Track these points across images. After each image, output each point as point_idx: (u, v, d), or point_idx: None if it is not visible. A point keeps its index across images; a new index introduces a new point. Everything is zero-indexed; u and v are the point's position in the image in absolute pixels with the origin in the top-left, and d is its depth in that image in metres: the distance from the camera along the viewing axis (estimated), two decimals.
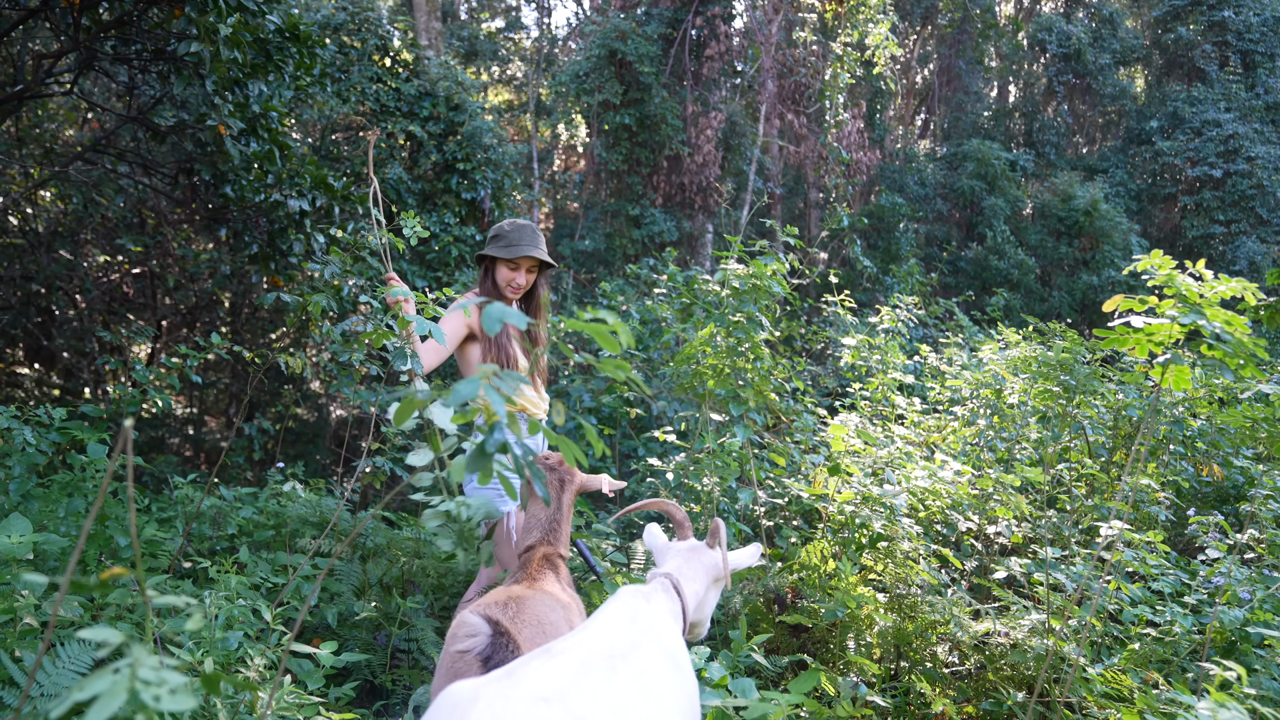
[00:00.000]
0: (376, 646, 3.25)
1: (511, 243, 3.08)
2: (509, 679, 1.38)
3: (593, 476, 2.62)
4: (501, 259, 3.08)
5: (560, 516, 2.50)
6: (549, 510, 2.51)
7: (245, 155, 4.26)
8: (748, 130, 13.27)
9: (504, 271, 3.10)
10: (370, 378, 5.93)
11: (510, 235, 3.10)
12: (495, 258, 3.09)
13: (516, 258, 3.07)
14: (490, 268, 3.13)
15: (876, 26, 12.50)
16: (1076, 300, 14.78)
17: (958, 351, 5.73)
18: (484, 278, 3.15)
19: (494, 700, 1.31)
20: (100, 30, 4.08)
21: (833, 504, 3.61)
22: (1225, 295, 2.41)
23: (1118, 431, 4.65)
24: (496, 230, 3.14)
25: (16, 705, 1.98)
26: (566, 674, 1.44)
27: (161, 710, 0.76)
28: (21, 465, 3.33)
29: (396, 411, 1.21)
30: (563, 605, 2.23)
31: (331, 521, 2.78)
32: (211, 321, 7.59)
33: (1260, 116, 16.18)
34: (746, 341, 3.86)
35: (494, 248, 3.09)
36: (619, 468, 5.97)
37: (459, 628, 1.83)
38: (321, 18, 7.77)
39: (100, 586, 0.89)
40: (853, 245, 13.16)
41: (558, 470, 2.59)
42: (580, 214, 13.64)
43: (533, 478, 1.19)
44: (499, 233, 3.12)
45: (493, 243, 3.11)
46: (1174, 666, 2.90)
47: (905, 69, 20.40)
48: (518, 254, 3.06)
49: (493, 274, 3.12)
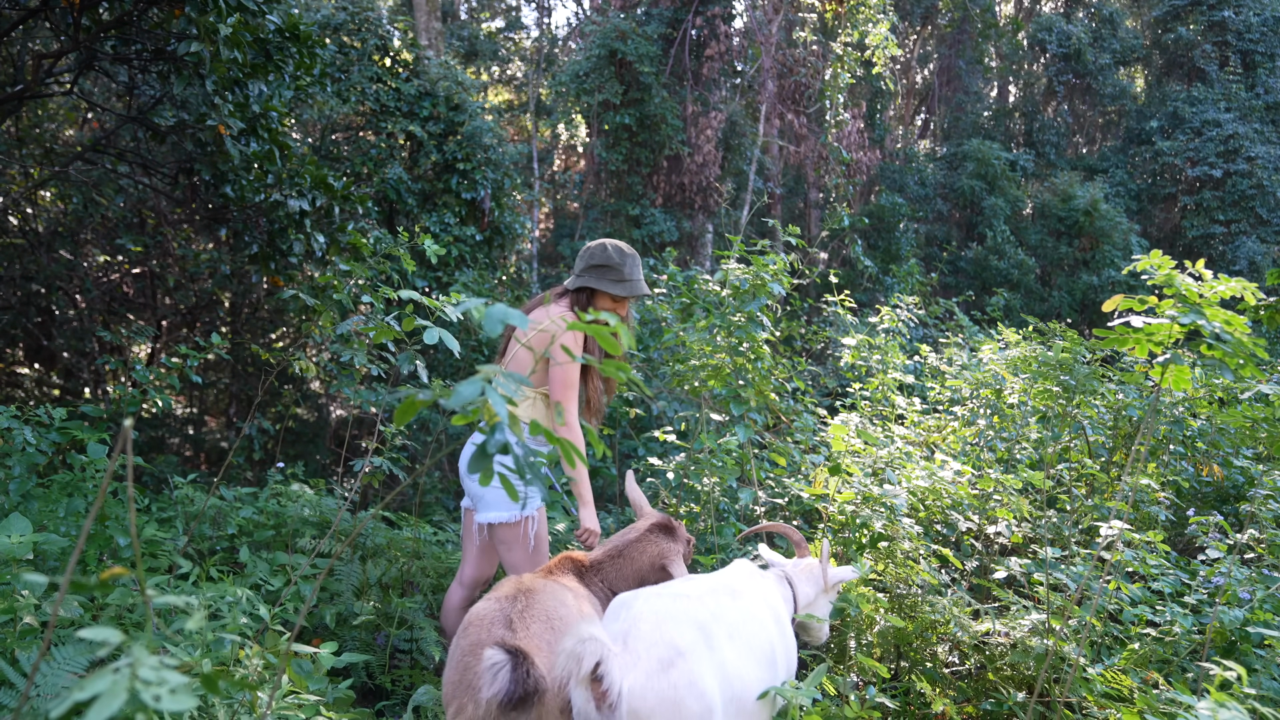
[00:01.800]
0: (376, 647, 3.25)
1: (624, 278, 2.83)
2: (651, 589, 2.15)
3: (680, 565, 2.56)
4: (605, 293, 2.83)
5: (623, 553, 2.49)
6: (624, 540, 2.51)
7: (245, 155, 4.26)
8: (748, 130, 13.27)
9: (606, 303, 2.87)
10: (371, 378, 5.93)
11: (624, 269, 2.82)
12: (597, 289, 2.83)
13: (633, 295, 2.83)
14: (591, 297, 2.88)
15: (876, 26, 12.49)
16: (1076, 300, 14.78)
17: (958, 351, 5.72)
18: (582, 305, 2.88)
19: (646, 595, 2.08)
20: (100, 30, 4.08)
21: (833, 504, 3.61)
22: (1225, 295, 2.41)
23: (1118, 431, 4.65)
24: (602, 259, 2.82)
25: (16, 705, 1.98)
26: (697, 588, 2.17)
27: (161, 710, 0.76)
28: (21, 465, 3.32)
29: (397, 412, 1.21)
30: (576, 596, 2.23)
31: (334, 527, 2.78)
32: (211, 321, 7.59)
33: (1260, 116, 16.17)
34: (747, 341, 3.86)
35: (602, 280, 2.81)
36: (619, 468, 5.97)
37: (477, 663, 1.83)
38: (321, 18, 7.77)
39: (100, 586, 0.89)
40: (853, 245, 13.16)
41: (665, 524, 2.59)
42: (580, 214, 13.64)
43: (536, 480, 1.19)
44: (608, 262, 2.82)
45: (597, 273, 2.82)
46: (1174, 666, 2.90)
47: (905, 69, 20.40)
48: (633, 292, 2.84)
49: (592, 303, 2.88)
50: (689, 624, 1.98)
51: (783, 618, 2.33)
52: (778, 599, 2.40)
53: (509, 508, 2.80)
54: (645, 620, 1.96)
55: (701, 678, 1.91)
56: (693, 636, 1.95)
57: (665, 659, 1.89)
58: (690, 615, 2.00)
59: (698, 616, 2.01)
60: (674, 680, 1.87)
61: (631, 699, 1.83)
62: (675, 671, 1.88)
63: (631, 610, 2.01)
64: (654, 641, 1.92)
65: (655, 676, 1.87)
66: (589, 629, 1.82)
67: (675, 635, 1.93)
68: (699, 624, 1.99)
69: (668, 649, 1.91)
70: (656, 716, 1.85)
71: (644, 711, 1.84)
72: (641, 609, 2.00)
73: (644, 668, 1.87)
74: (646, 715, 1.84)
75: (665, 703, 1.85)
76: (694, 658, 1.92)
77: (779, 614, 2.32)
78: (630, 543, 2.49)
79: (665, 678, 1.87)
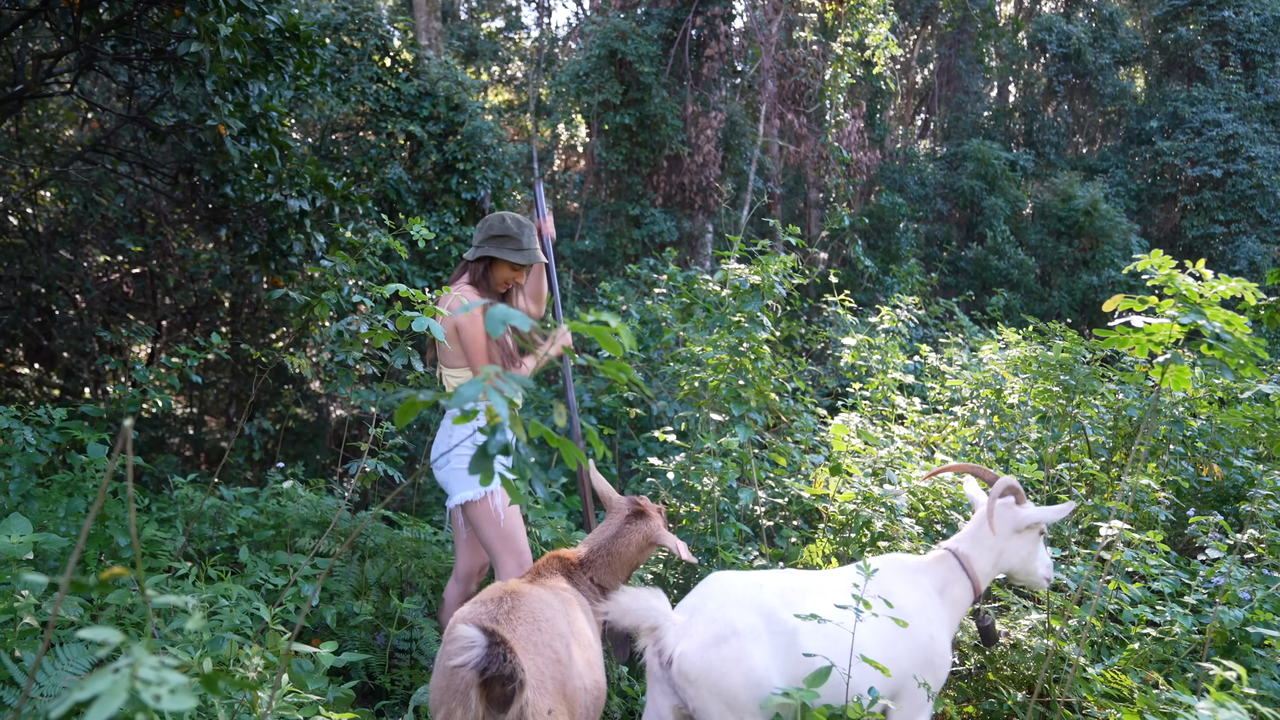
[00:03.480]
0: (375, 647, 3.25)
1: (522, 246, 2.98)
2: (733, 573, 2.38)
3: (670, 536, 2.58)
4: (504, 260, 2.99)
5: (611, 546, 2.50)
6: (606, 536, 2.52)
7: (245, 155, 4.26)
8: (748, 130, 13.26)
9: (505, 271, 3.03)
10: (368, 378, 5.93)
11: (520, 237, 2.98)
12: (497, 258, 2.99)
13: (528, 263, 2.98)
14: (489, 266, 3.03)
15: (876, 26, 12.49)
16: (1076, 300, 14.78)
17: (958, 351, 5.72)
18: (480, 274, 3.03)
19: (724, 578, 2.33)
20: (100, 30, 4.08)
21: (833, 504, 3.61)
22: (1225, 295, 2.41)
23: (1118, 431, 4.65)
24: (500, 229, 2.99)
25: (16, 705, 1.98)
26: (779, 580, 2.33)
27: (161, 710, 0.76)
28: (21, 465, 3.32)
29: (398, 412, 1.21)
30: (563, 601, 2.23)
31: (331, 525, 2.77)
32: (211, 321, 7.58)
33: (1260, 116, 16.17)
34: (747, 341, 3.86)
35: (502, 249, 2.97)
36: (619, 468, 5.96)
37: (453, 641, 1.81)
38: (321, 18, 7.77)
39: (100, 586, 0.89)
40: (853, 245, 13.16)
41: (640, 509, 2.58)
42: (580, 214, 13.64)
43: (534, 479, 1.19)
44: (505, 232, 2.99)
45: (497, 242, 2.99)
46: (1174, 666, 2.90)
47: (905, 69, 20.40)
48: (531, 260, 2.98)
49: (490, 271, 3.04)
50: (753, 609, 2.20)
51: (927, 608, 2.43)
52: (918, 592, 2.46)
53: (472, 485, 2.88)
54: (713, 599, 2.25)
55: (750, 657, 2.13)
56: (753, 621, 2.18)
57: (720, 635, 2.15)
58: (757, 602, 2.22)
59: (766, 605, 2.22)
60: (724, 654, 2.13)
61: (681, 662, 2.14)
62: (726, 647, 2.14)
63: (707, 588, 2.31)
64: (714, 619, 2.19)
65: (707, 648, 2.14)
66: (651, 599, 2.20)
67: (735, 616, 2.18)
68: (765, 611, 2.20)
69: (724, 626, 2.16)
70: (701, 682, 2.13)
71: (691, 675, 2.14)
72: (714, 589, 2.29)
73: (698, 639, 2.16)
74: (694, 679, 2.14)
75: (711, 672, 2.12)
76: (749, 639, 2.15)
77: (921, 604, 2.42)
78: (612, 539, 2.51)
79: (716, 651, 2.13)
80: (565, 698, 1.93)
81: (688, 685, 2.16)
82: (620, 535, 2.52)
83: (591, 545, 2.52)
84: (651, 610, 2.21)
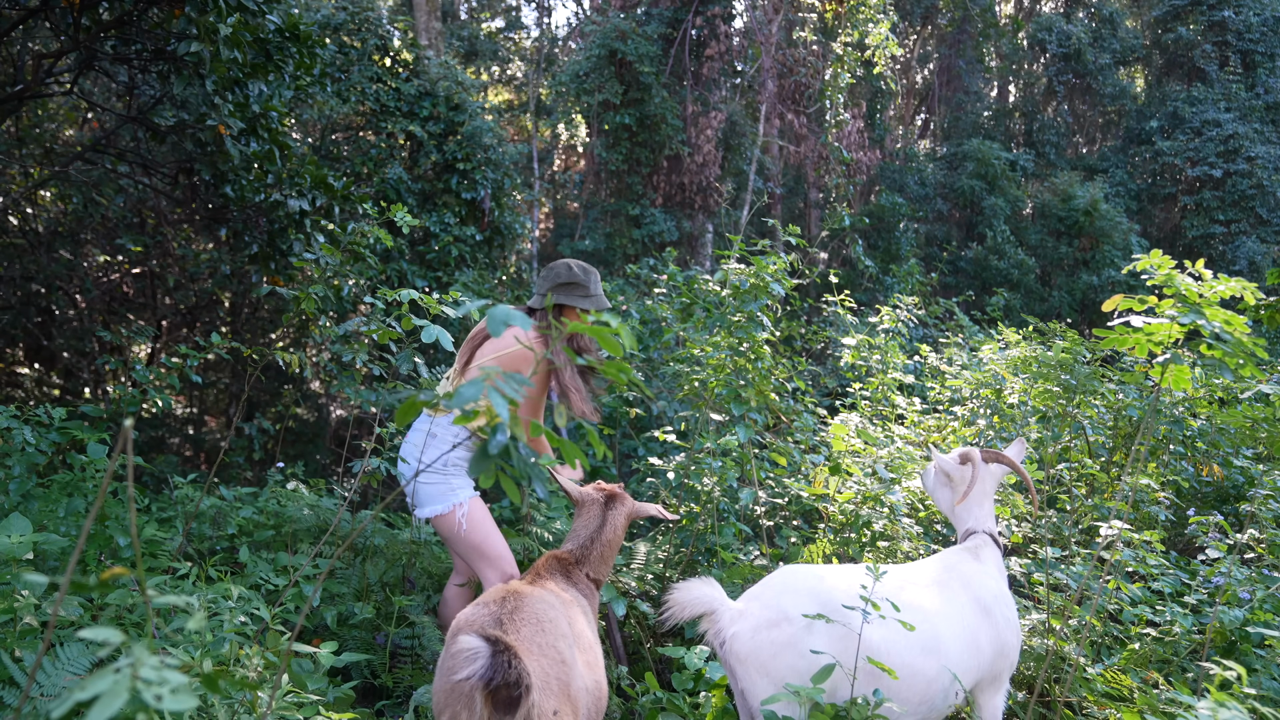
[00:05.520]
0: (376, 646, 3.25)
1: (593, 294, 2.97)
2: (795, 566, 2.51)
3: (644, 505, 2.71)
4: (573, 307, 2.95)
5: (600, 536, 2.56)
6: (593, 528, 2.57)
7: (245, 155, 4.26)
8: (748, 130, 13.26)
9: (574, 318, 2.96)
10: (371, 378, 5.93)
11: (590, 285, 2.96)
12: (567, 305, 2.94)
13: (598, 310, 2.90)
14: (561, 313, 2.98)
15: (876, 26, 12.49)
16: (1076, 300, 14.78)
17: (958, 351, 5.72)
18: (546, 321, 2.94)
19: (787, 570, 2.47)
20: (100, 30, 4.08)
21: (833, 504, 3.61)
22: (1225, 295, 2.41)
23: (1118, 431, 4.65)
24: (569, 277, 2.95)
25: (16, 705, 1.98)
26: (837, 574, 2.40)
27: (162, 710, 0.76)
28: (21, 465, 3.32)
29: (398, 412, 1.21)
30: (563, 602, 2.23)
31: (332, 527, 2.78)
32: (211, 321, 7.58)
33: (1260, 116, 16.17)
34: (747, 341, 3.86)
35: (575, 298, 2.94)
36: (619, 468, 5.96)
37: (456, 652, 1.80)
38: (321, 18, 7.77)
39: (100, 586, 0.89)
40: (853, 245, 13.16)
41: (612, 493, 2.65)
42: (580, 214, 13.64)
43: (534, 478, 1.19)
44: (574, 280, 2.94)
45: (569, 290, 2.94)
46: (1174, 666, 2.90)
47: (905, 69, 20.40)
48: (599, 306, 2.97)
49: (562, 319, 2.98)
50: (808, 597, 2.31)
51: (989, 601, 2.52)
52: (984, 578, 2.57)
53: (440, 500, 2.89)
54: (771, 586, 2.40)
55: (803, 643, 2.25)
56: (806, 608, 2.28)
57: (772, 620, 2.29)
58: (813, 591, 2.33)
59: (822, 595, 2.31)
60: (774, 638, 2.27)
61: (734, 643, 2.31)
62: (778, 631, 2.27)
63: (770, 578, 2.46)
64: (769, 604, 2.33)
65: (759, 631, 2.29)
66: (705, 587, 2.38)
67: (790, 604, 2.30)
68: (821, 601, 2.30)
69: (777, 613, 2.30)
70: (751, 663, 2.28)
71: (743, 655, 2.29)
72: (774, 578, 2.45)
73: (752, 622, 2.31)
74: (745, 659, 2.29)
75: (761, 653, 2.27)
76: (802, 626, 2.27)
77: (984, 601, 2.52)
78: (600, 530, 2.58)
79: (767, 634, 2.28)
80: (570, 698, 1.93)
81: (737, 664, 2.31)
82: (606, 524, 2.58)
83: (581, 540, 2.56)
84: (708, 597, 2.37)
